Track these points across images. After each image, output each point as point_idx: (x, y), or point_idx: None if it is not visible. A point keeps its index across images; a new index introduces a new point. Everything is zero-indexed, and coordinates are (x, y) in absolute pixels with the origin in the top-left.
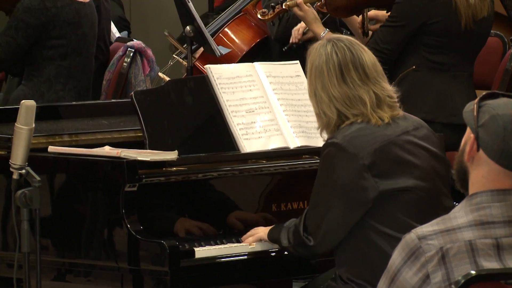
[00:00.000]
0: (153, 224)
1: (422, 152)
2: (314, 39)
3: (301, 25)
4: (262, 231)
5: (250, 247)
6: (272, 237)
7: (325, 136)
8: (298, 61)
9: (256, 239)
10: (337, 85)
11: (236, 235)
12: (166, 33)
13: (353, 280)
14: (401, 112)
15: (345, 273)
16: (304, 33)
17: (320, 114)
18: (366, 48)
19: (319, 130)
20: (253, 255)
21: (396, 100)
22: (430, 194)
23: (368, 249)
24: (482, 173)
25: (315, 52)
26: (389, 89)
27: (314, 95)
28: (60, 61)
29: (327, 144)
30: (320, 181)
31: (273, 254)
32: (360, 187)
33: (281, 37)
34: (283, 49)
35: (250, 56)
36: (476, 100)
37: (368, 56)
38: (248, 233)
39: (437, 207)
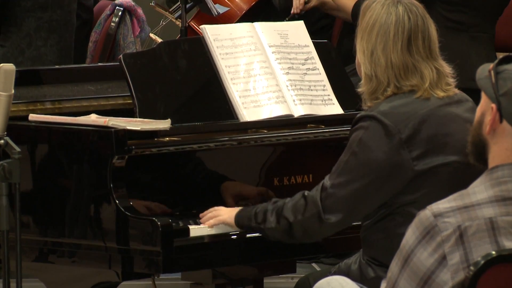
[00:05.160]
0: (143, 199)
1: (466, 126)
2: (317, 8)
3: None
4: (226, 214)
5: (208, 229)
6: (242, 223)
7: (368, 104)
8: (302, 21)
9: (217, 222)
10: (400, 51)
11: None
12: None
13: (371, 261)
14: (452, 93)
15: (364, 254)
16: (306, 2)
17: (372, 77)
18: (432, 22)
19: (363, 95)
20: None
21: (454, 80)
22: (470, 170)
23: (391, 231)
24: (505, 146)
25: (381, 8)
26: (448, 69)
27: (370, 54)
28: (40, 12)
29: (362, 116)
30: (348, 155)
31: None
32: (394, 165)
33: (285, 6)
34: (286, 20)
35: (250, 15)
36: (491, 66)
37: (434, 31)
38: (209, 214)
39: None
